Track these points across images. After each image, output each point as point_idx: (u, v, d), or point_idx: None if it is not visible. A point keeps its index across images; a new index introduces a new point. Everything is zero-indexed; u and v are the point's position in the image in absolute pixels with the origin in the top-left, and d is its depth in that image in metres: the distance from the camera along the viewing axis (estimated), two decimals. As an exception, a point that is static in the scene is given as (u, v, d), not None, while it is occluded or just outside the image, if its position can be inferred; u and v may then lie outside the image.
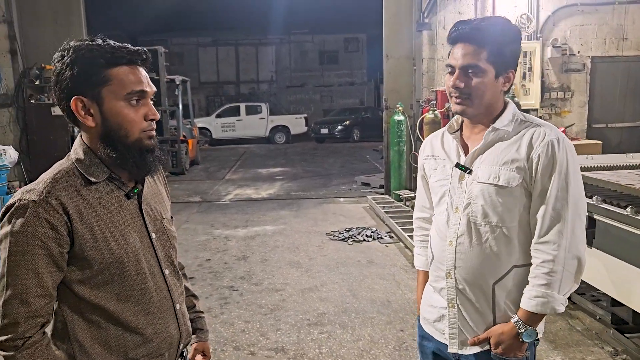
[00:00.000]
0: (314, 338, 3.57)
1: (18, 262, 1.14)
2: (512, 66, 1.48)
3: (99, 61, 1.18)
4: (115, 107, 1.20)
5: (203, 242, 6.06)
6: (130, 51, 1.22)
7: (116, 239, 1.22)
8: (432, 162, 1.62)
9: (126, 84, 1.20)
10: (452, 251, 1.51)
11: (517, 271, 1.46)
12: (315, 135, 19.74)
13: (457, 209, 1.51)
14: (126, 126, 1.21)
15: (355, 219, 7.03)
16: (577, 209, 1.42)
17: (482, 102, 1.46)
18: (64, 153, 1.32)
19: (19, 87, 7.92)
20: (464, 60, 1.44)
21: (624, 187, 3.31)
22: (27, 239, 1.13)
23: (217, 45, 27.83)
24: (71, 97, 1.20)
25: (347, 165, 13.01)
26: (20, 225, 1.14)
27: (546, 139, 1.42)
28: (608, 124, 7.56)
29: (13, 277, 1.14)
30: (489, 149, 1.48)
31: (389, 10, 8.15)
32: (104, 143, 1.22)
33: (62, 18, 8.26)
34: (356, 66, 28.37)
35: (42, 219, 1.14)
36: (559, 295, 1.40)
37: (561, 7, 7.25)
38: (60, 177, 1.19)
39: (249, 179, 11.15)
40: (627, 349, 3.19)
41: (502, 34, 1.45)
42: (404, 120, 7.79)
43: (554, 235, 1.40)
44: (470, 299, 1.50)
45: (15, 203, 1.16)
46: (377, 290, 4.38)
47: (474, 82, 1.44)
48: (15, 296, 1.14)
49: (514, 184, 1.43)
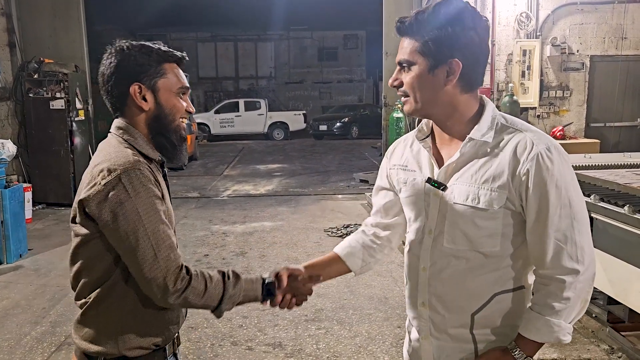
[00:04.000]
0: (312, 334, 3.58)
1: (154, 220, 1.26)
2: (456, 55, 1.22)
3: (157, 57, 1.38)
4: (168, 96, 1.39)
5: (201, 238, 6.06)
6: (177, 53, 1.43)
7: (171, 209, 1.41)
8: (401, 173, 1.41)
9: (179, 80, 1.41)
10: (425, 277, 1.33)
11: (500, 298, 1.28)
12: (313, 131, 19.73)
13: (431, 231, 1.32)
14: (174, 113, 1.40)
15: (353, 215, 7.04)
16: (585, 225, 1.22)
17: (421, 99, 1.26)
18: (62, 147, 1.37)
19: (18, 81, 7.89)
20: (399, 55, 1.28)
21: (621, 186, 3.32)
22: (151, 198, 1.26)
23: (215, 41, 27.74)
24: (130, 84, 1.35)
25: (345, 162, 13.01)
26: (140, 190, 1.25)
27: (535, 150, 1.19)
28: (606, 123, 7.57)
29: (157, 235, 1.26)
30: (467, 162, 1.26)
31: (389, 8, 8.15)
32: (153, 126, 1.39)
33: (61, 11, 8.23)
34: (355, 63, 28.32)
35: (152, 180, 1.29)
36: (565, 324, 1.21)
37: (561, 6, 7.24)
38: (132, 152, 1.32)
39: (248, 175, 11.15)
40: (623, 347, 3.21)
41: (443, 19, 1.21)
42: (402, 117, 7.80)
43: (565, 260, 1.20)
44: (445, 330, 1.32)
45: (121, 176, 1.24)
46: (375, 287, 4.39)
47: (406, 78, 1.27)
48: (167, 248, 1.27)
49: (496, 207, 1.22)
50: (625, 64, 7.32)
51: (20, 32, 8.01)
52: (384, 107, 8.47)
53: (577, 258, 1.20)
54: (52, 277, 4.78)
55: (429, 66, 1.23)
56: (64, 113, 7.69)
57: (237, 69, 28.24)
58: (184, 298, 1.27)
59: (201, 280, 1.29)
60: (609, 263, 3.02)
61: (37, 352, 3.40)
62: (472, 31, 1.23)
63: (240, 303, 1.40)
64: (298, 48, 28.51)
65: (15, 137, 7.71)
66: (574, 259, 1.20)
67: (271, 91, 27.31)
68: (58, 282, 4.64)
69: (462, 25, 1.21)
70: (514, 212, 1.24)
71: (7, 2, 7.82)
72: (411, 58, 1.25)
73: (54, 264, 5.11)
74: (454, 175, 1.28)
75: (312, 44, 28.39)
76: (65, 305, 4.08)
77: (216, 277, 1.33)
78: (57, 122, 7.69)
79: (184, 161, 1.49)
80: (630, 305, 3.00)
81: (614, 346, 3.27)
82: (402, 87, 1.29)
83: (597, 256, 3.00)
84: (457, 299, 1.30)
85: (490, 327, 1.30)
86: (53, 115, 7.68)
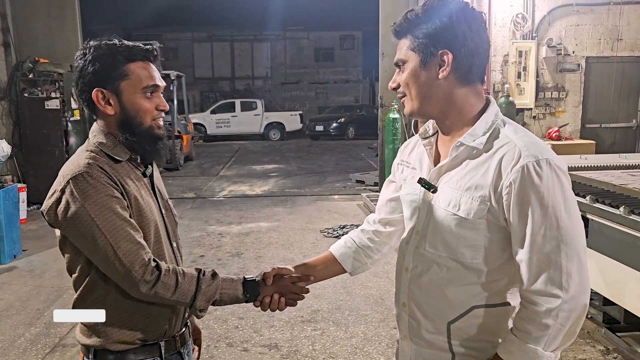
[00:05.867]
0: (308, 335, 3.57)
1: (108, 218, 1.25)
2: (444, 45, 1.19)
3: (118, 58, 1.33)
4: (133, 98, 1.35)
5: (197, 239, 6.04)
6: (144, 49, 1.37)
7: (145, 207, 1.36)
8: (405, 170, 1.41)
9: (143, 79, 1.35)
10: (407, 278, 1.32)
11: (477, 312, 1.22)
12: (310, 132, 19.74)
13: (417, 232, 1.29)
14: (141, 114, 1.36)
15: (350, 216, 7.04)
16: (575, 248, 1.12)
17: (417, 96, 1.24)
18: (57, 147, 1.38)
19: (12, 80, 7.83)
20: (396, 56, 1.27)
21: (617, 187, 3.33)
22: (103, 198, 1.26)
23: (212, 41, 27.71)
24: (93, 90, 1.33)
25: (341, 162, 13.01)
26: (89, 191, 1.25)
27: (521, 162, 1.11)
28: (602, 124, 7.59)
29: (114, 232, 1.25)
30: (457, 166, 1.23)
31: (386, 9, 8.14)
32: (122, 129, 1.36)
33: (56, 11, 8.18)
34: (352, 64, 28.35)
35: (103, 181, 1.27)
36: (544, 352, 1.12)
37: (557, 7, 7.26)
38: (94, 155, 1.32)
39: (244, 176, 11.13)
40: (618, 348, 3.21)
41: (429, 15, 1.21)
42: (399, 118, 7.79)
43: (545, 285, 1.11)
44: (423, 335, 1.30)
45: (69, 182, 1.26)
46: (371, 288, 4.39)
47: (401, 78, 1.25)
48: (128, 242, 1.26)
49: (476, 217, 1.17)
50: (621, 65, 7.34)
51: (15, 32, 7.96)
52: (380, 107, 8.47)
53: (560, 284, 1.10)
54: (46, 278, 4.75)
55: (420, 61, 1.21)
56: (59, 113, 7.66)
57: (233, 69, 28.22)
58: (154, 292, 1.28)
59: (172, 276, 1.30)
60: (604, 264, 3.02)
61: (31, 354, 3.38)
62: (460, 21, 1.20)
63: (220, 302, 1.39)
64: (294, 48, 28.52)
65: (9, 137, 7.67)
66: (557, 285, 1.10)
67: (267, 91, 27.31)
68: (52, 283, 4.61)
69: (449, 17, 1.19)
70: (498, 225, 1.17)
71: (2, 2, 7.76)
72: (404, 56, 1.24)
73: (48, 265, 5.07)
74: (445, 175, 1.25)
75: (309, 45, 28.41)
76: (60, 306, 4.05)
77: (190, 274, 1.34)
78: (52, 122, 7.66)
79: (164, 156, 1.46)
80: (626, 306, 3.01)
81: (609, 347, 3.27)
82: (397, 87, 1.27)
83: (593, 257, 3.04)
84: (434, 305, 1.27)
85: (467, 339, 1.25)
86: (48, 115, 7.64)
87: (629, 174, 3.71)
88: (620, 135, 7.65)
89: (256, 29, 26.63)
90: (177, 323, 1.45)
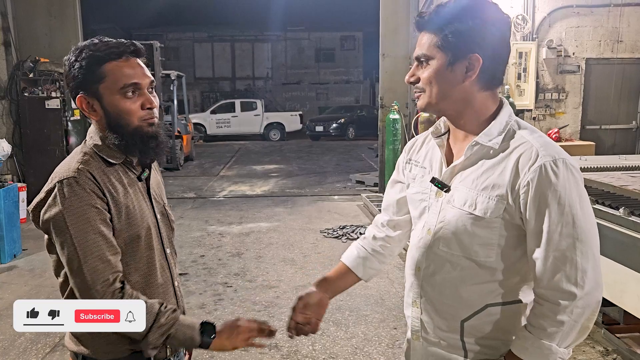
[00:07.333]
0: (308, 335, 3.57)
1: (83, 229, 1.22)
2: (474, 49, 1.17)
3: (93, 60, 1.27)
4: (113, 100, 1.29)
5: (197, 238, 6.05)
6: (119, 45, 1.29)
7: (135, 214, 1.33)
8: (413, 169, 1.40)
9: (119, 78, 1.27)
10: (419, 277, 1.32)
11: (491, 311, 1.24)
12: (310, 132, 19.73)
13: (430, 230, 1.29)
14: (125, 117, 1.29)
15: (350, 216, 7.04)
16: (591, 247, 1.14)
17: (436, 95, 1.22)
18: (58, 146, 1.37)
19: (13, 80, 7.84)
20: (418, 50, 1.24)
21: (617, 189, 3.34)
22: (83, 208, 1.23)
23: (212, 41, 27.71)
24: (76, 96, 1.30)
25: (342, 163, 13.02)
26: (71, 200, 1.22)
27: (539, 162, 1.13)
28: (602, 126, 7.59)
29: (85, 244, 1.22)
30: (471, 166, 1.23)
31: (386, 9, 8.14)
32: (111, 132, 1.31)
33: (56, 10, 8.19)
34: (352, 64, 28.35)
35: (88, 189, 1.24)
36: (558, 348, 1.15)
37: (557, 9, 7.27)
38: (87, 158, 1.30)
39: (244, 176, 11.13)
40: (618, 349, 3.22)
41: (463, 13, 1.18)
42: (399, 119, 7.80)
43: (561, 282, 1.13)
44: (436, 333, 1.31)
45: (56, 185, 1.24)
46: (371, 288, 4.39)
47: (423, 74, 1.23)
48: (95, 258, 1.23)
49: (492, 216, 1.18)
50: (621, 67, 7.34)
51: (16, 31, 7.97)
52: (381, 108, 8.47)
53: (575, 281, 1.13)
54: (46, 278, 4.75)
55: (448, 61, 1.19)
56: (60, 112, 7.67)
57: (233, 69, 28.21)
58: None
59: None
60: (604, 265, 3.00)
61: (32, 353, 3.38)
62: (492, 26, 1.18)
63: (174, 339, 1.29)
64: (295, 49, 28.52)
65: (10, 137, 7.68)
66: (572, 282, 1.13)
67: (268, 92, 27.31)
68: (52, 282, 4.59)
69: (482, 19, 1.17)
70: (513, 224, 1.19)
71: (3, 1, 7.77)
72: (429, 52, 1.21)
73: (49, 265, 5.02)
74: (458, 174, 1.25)
75: (309, 45, 28.41)
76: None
77: (150, 303, 1.27)
78: (53, 122, 7.66)
79: (160, 156, 1.39)
80: (625, 307, 3.01)
81: (609, 348, 3.28)
82: (418, 83, 1.25)
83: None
84: (448, 304, 1.27)
85: (481, 337, 1.26)
86: (48, 115, 7.64)
87: (628, 176, 3.71)
88: (620, 136, 7.66)
89: (257, 29, 26.64)
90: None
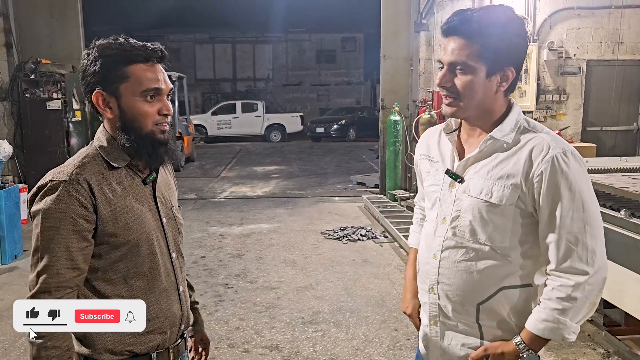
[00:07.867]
0: (309, 336, 3.57)
1: (50, 236, 1.24)
2: (511, 63, 1.29)
3: (118, 59, 1.28)
4: (131, 101, 1.30)
5: (198, 240, 6.05)
6: (147, 49, 1.31)
7: (134, 219, 1.32)
8: (426, 163, 1.49)
9: (142, 81, 1.29)
10: (436, 265, 1.40)
11: (506, 293, 1.33)
12: (311, 134, 19.74)
13: (445, 219, 1.38)
14: (140, 119, 1.31)
15: (351, 218, 7.04)
16: (597, 230, 1.27)
17: (471, 103, 1.31)
18: (59, 147, 1.38)
19: (14, 81, 7.85)
20: (452, 55, 1.29)
21: (618, 190, 3.34)
22: (59, 215, 1.23)
23: (213, 42, 27.74)
24: (94, 91, 1.30)
25: (342, 164, 13.02)
26: (52, 203, 1.23)
27: (551, 153, 1.24)
28: (603, 127, 7.59)
29: (46, 250, 1.24)
30: (485, 158, 1.33)
31: (387, 11, 8.15)
32: (122, 133, 1.32)
33: (58, 12, 8.21)
34: (353, 66, 28.37)
35: (73, 197, 1.24)
36: (571, 323, 1.27)
37: (558, 10, 7.27)
38: (87, 161, 1.30)
39: (245, 177, 11.14)
40: (619, 351, 3.21)
41: (499, 25, 1.26)
42: (400, 120, 7.80)
43: (574, 262, 1.25)
44: (453, 317, 1.39)
45: (48, 183, 1.26)
46: (372, 290, 4.39)
47: (461, 81, 1.29)
48: (48, 267, 1.23)
49: (507, 203, 1.28)
50: (622, 69, 7.34)
51: (17, 33, 7.98)
52: (382, 109, 8.48)
53: (587, 260, 1.25)
54: (47, 279, 4.76)
55: (487, 72, 1.28)
56: (61, 114, 7.67)
57: (234, 70, 28.24)
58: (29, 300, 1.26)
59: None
60: (606, 267, 3.02)
61: (32, 354, 3.38)
62: (522, 39, 1.30)
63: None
64: (296, 50, 28.55)
65: (11, 138, 7.68)
66: (584, 261, 1.24)
67: (269, 93, 27.33)
68: (54, 283, 4.61)
69: (516, 32, 1.28)
70: (525, 211, 1.29)
71: (4, 3, 7.79)
72: (469, 61, 1.27)
73: (50, 265, 5.07)
74: (472, 167, 1.35)
75: (310, 47, 28.43)
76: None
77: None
78: (54, 123, 7.67)
79: (166, 162, 1.42)
80: (626, 309, 3.01)
81: (610, 350, 3.27)
82: (451, 88, 1.30)
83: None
84: (464, 289, 1.35)
85: (496, 319, 1.35)
86: (49, 116, 7.65)
87: (629, 177, 3.71)
88: (621, 138, 7.65)
89: (258, 30, 26.67)
90: (172, 335, 1.42)
